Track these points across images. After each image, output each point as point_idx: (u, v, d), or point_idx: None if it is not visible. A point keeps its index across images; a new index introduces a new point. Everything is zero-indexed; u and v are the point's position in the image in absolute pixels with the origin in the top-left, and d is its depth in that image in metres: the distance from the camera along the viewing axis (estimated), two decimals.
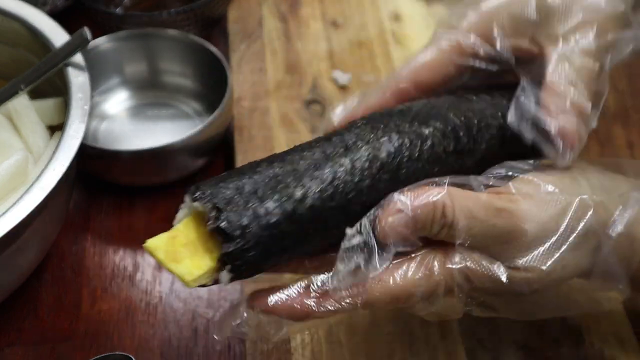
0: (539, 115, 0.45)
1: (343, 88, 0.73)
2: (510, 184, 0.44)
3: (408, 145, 0.44)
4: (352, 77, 0.73)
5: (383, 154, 0.43)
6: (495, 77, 0.50)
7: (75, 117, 0.56)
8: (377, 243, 0.41)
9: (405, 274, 0.42)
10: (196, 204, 0.40)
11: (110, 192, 0.67)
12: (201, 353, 0.57)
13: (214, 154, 0.69)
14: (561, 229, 0.43)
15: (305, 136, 0.69)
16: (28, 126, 0.61)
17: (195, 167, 0.67)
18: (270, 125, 0.70)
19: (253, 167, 0.42)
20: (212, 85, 0.70)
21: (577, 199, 0.43)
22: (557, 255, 0.43)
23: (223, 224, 0.39)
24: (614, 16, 0.47)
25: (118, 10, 0.81)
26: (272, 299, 0.41)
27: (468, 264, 0.42)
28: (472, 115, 0.46)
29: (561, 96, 0.45)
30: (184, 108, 0.73)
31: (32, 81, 0.60)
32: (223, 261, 0.40)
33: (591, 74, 0.46)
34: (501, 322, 0.54)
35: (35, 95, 0.62)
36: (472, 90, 0.50)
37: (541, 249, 0.42)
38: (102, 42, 0.71)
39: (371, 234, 0.41)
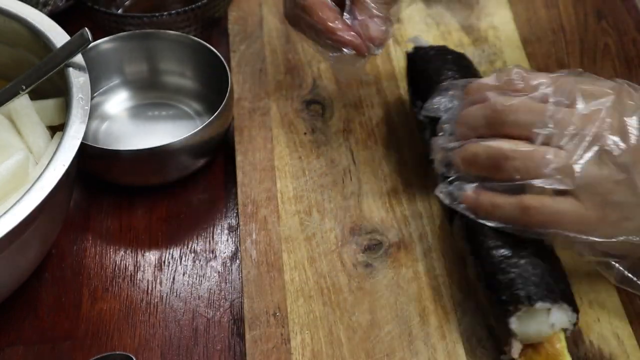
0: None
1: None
2: None
3: None
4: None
5: None
6: None
7: (75, 118, 0.56)
8: None
9: None
10: None
11: (110, 192, 0.67)
12: (201, 353, 0.57)
13: (214, 154, 0.69)
14: None
15: (306, 136, 0.69)
16: (29, 126, 0.61)
17: (195, 167, 0.67)
18: (270, 126, 0.70)
19: None
20: (212, 86, 0.70)
21: None
22: None
23: None
24: None
25: (119, 11, 0.81)
26: None
27: None
28: None
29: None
30: (184, 108, 0.73)
31: (32, 82, 0.60)
32: None
33: None
34: None
35: (35, 95, 0.62)
36: None
37: None
38: (102, 43, 0.71)
39: None
